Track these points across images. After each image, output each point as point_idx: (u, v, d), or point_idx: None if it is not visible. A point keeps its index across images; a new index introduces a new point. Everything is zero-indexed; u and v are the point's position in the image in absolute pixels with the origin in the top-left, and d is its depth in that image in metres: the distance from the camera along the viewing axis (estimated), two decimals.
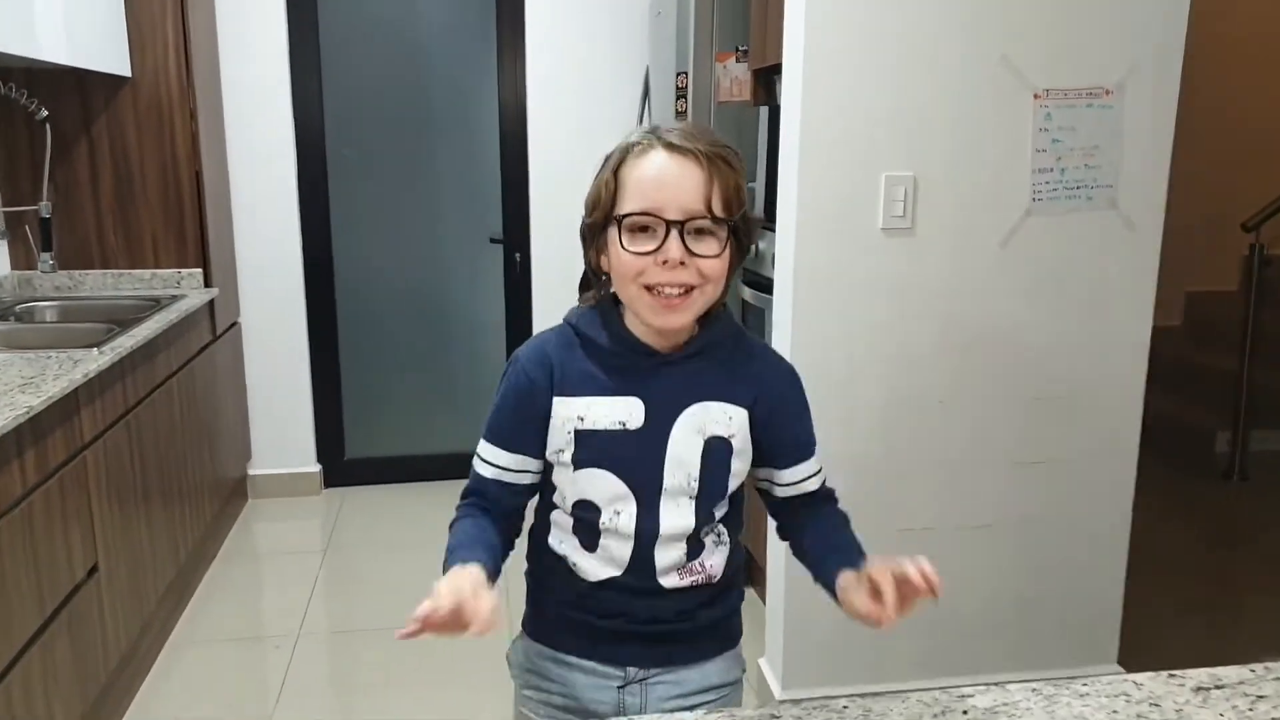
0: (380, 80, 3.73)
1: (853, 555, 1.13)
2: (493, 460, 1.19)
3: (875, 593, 1.01)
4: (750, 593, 2.99)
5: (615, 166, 1.10)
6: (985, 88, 2.08)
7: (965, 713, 0.98)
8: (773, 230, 2.32)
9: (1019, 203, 2.13)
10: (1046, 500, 2.30)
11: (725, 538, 1.23)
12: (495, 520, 1.20)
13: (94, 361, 2.13)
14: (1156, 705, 1.00)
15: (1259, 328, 3.92)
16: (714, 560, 1.22)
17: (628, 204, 1.09)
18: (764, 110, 2.78)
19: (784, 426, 1.21)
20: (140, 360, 2.49)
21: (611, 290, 1.16)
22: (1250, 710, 0.98)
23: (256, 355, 3.69)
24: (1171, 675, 1.06)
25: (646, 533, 1.17)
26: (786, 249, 2.15)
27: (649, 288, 1.08)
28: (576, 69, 3.71)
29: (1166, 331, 4.11)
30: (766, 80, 2.88)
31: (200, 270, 3.19)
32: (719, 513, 1.21)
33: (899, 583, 0.99)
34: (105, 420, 2.23)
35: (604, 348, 1.16)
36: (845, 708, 0.98)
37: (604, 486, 1.16)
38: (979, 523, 2.29)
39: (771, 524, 1.30)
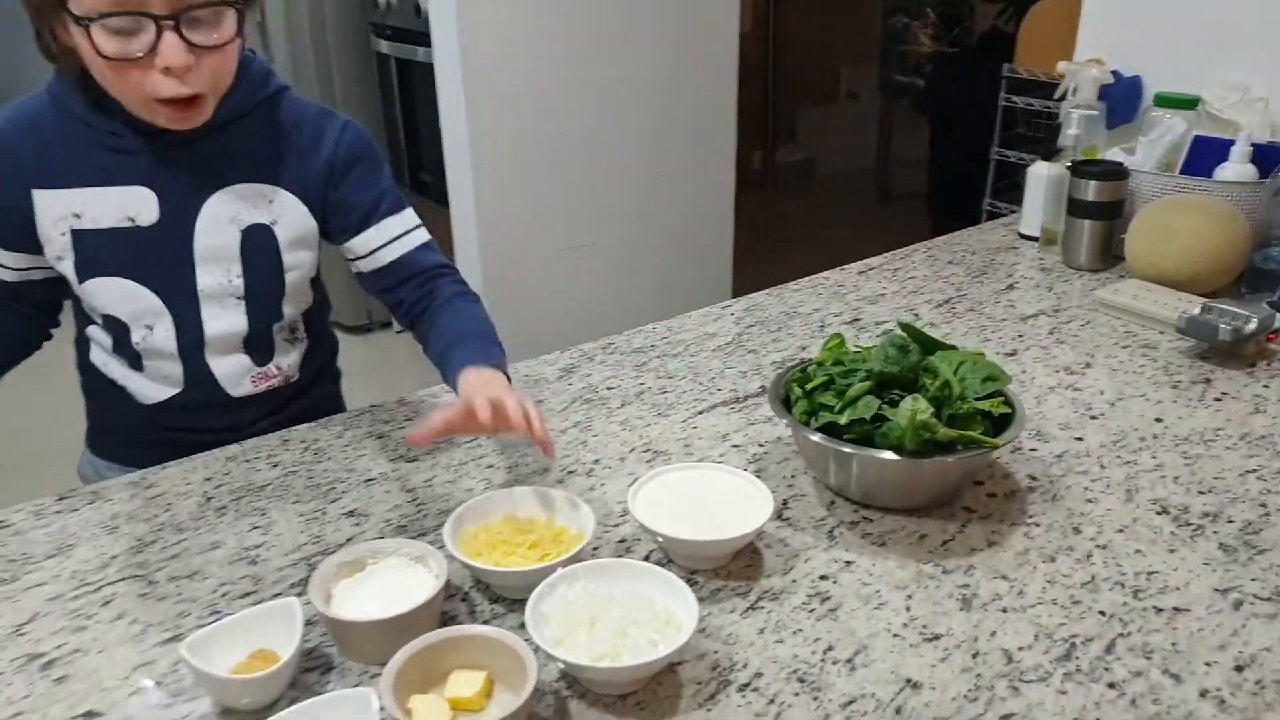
0: None
1: (481, 345, 0.96)
2: None
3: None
4: None
5: None
6: None
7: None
8: None
9: None
10: (679, 205, 2.82)
11: (301, 333, 1.08)
12: (9, 317, 1.02)
13: None
14: (756, 306, 1.35)
15: (778, 66, 4.77)
16: (290, 360, 1.06)
17: None
18: None
19: (355, 191, 1.01)
20: None
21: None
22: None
23: None
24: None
25: (190, 346, 0.99)
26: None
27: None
28: None
29: None
30: None
31: None
32: (289, 311, 1.04)
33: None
34: None
35: (97, 126, 0.91)
36: None
37: (124, 298, 0.96)
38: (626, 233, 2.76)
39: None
